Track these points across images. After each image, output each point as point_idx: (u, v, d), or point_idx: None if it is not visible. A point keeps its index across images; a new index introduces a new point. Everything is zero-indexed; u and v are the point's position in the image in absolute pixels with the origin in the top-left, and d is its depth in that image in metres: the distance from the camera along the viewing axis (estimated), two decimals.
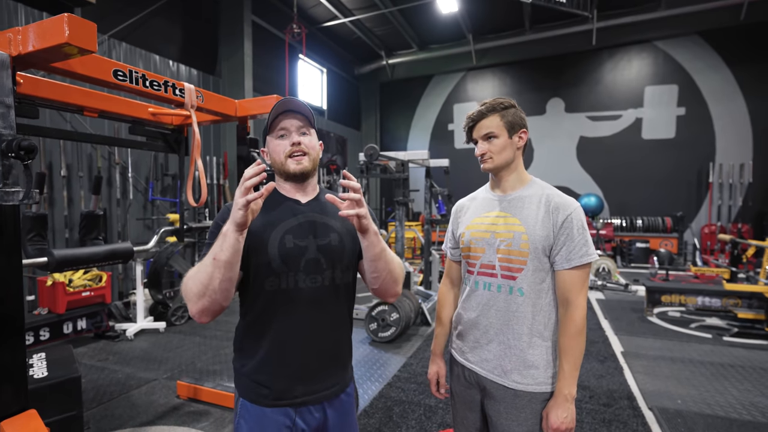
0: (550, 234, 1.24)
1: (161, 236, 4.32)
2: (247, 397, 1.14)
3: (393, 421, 2.71)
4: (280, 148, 1.15)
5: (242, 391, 1.15)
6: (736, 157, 9.61)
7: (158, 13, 6.43)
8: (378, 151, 4.71)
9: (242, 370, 1.16)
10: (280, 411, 1.12)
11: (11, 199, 1.22)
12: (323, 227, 1.17)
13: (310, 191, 1.22)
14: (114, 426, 2.66)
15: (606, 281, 6.92)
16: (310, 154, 1.16)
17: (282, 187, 1.20)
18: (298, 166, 1.14)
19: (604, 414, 2.80)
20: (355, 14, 9.73)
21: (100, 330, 4.36)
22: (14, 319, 1.39)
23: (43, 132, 2.12)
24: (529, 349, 1.26)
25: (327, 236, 1.17)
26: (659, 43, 10.17)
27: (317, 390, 1.15)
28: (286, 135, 1.15)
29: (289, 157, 1.14)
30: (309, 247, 1.14)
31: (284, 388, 1.12)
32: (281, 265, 1.10)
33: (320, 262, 1.14)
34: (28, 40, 1.27)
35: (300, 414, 1.14)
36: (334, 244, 1.17)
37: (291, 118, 1.15)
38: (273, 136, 1.17)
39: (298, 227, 1.14)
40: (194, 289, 0.99)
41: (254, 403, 1.13)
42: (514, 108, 1.32)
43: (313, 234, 1.15)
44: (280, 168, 1.17)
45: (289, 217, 1.15)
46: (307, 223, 1.16)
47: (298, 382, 1.13)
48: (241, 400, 1.16)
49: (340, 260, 1.17)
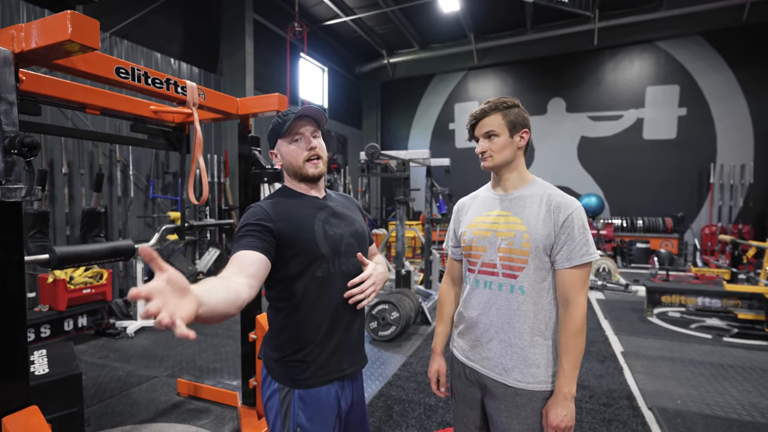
0: (551, 233, 1.25)
1: (162, 234, 4.33)
2: (304, 386, 1.20)
3: (393, 420, 2.71)
4: (297, 152, 1.25)
5: (293, 382, 1.20)
6: (737, 158, 9.60)
7: (160, 11, 6.42)
8: (379, 150, 4.71)
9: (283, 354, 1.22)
10: (330, 387, 1.22)
11: (14, 195, 1.22)
12: (347, 216, 1.32)
13: (322, 188, 1.34)
14: (115, 423, 2.66)
15: (606, 281, 6.92)
16: (323, 157, 1.28)
17: (298, 186, 1.30)
18: (316, 169, 1.26)
19: (604, 414, 2.81)
20: (356, 13, 9.72)
21: (101, 327, 4.37)
22: (16, 316, 1.40)
23: (45, 129, 2.12)
24: (530, 347, 1.26)
25: (353, 224, 1.32)
26: (661, 43, 10.15)
27: (357, 362, 1.30)
28: (301, 139, 1.25)
29: (307, 161, 1.25)
30: (344, 233, 1.27)
31: (335, 364, 1.23)
32: (329, 251, 1.22)
33: (354, 246, 1.29)
34: (31, 37, 1.27)
35: (343, 388, 1.26)
36: (361, 231, 1.34)
37: (305, 122, 1.25)
38: (287, 140, 1.26)
39: (329, 218, 1.27)
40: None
41: (308, 387, 1.20)
42: (517, 108, 1.32)
43: (344, 222, 1.29)
44: (296, 171, 1.26)
45: (318, 211, 1.27)
46: (333, 214, 1.29)
47: (345, 355, 1.26)
48: (295, 392, 1.20)
49: (364, 245, 1.34)
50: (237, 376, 3.31)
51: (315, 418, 1.18)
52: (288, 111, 1.25)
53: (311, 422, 1.18)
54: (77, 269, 4.31)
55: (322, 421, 1.19)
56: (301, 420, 1.18)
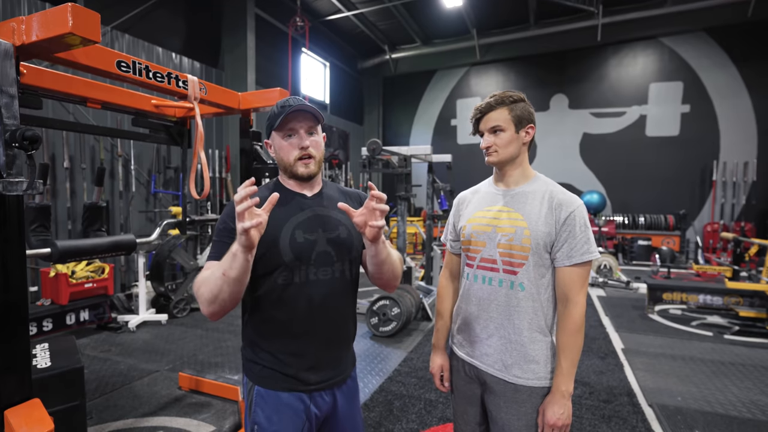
0: (552, 230, 1.24)
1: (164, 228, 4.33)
2: (262, 384, 1.15)
3: (393, 415, 2.72)
4: (289, 150, 1.16)
5: (256, 379, 1.17)
6: (740, 156, 9.56)
7: (161, 5, 6.40)
8: (380, 145, 4.70)
9: (255, 358, 1.17)
10: (295, 396, 1.15)
11: (15, 189, 1.22)
12: (331, 220, 1.20)
13: (315, 186, 1.24)
14: (116, 416, 2.68)
15: (607, 278, 6.91)
16: (316, 156, 1.18)
17: (287, 183, 1.22)
18: (306, 169, 1.17)
19: (604, 410, 2.81)
20: (358, 8, 9.67)
21: (103, 321, 4.39)
22: (18, 310, 1.40)
23: (46, 123, 2.11)
24: (530, 344, 1.26)
25: (336, 229, 1.20)
26: (665, 39, 10.08)
27: (329, 377, 1.19)
28: (295, 135, 1.16)
29: (298, 160, 1.16)
30: (318, 240, 1.16)
31: (299, 377, 1.15)
32: (293, 260, 1.12)
33: (330, 255, 1.17)
34: (32, 30, 1.27)
35: (313, 399, 1.17)
36: (343, 237, 1.20)
37: (301, 118, 1.15)
38: (280, 134, 1.17)
39: (306, 221, 1.17)
40: (205, 295, 1.02)
41: (270, 388, 1.15)
42: (523, 102, 1.31)
43: (322, 227, 1.18)
44: (286, 168, 1.18)
45: (297, 212, 1.17)
46: (315, 216, 1.18)
47: (312, 371, 1.16)
48: (255, 388, 1.16)
49: (349, 252, 1.21)
50: (238, 370, 3.32)
51: (273, 419, 1.12)
52: (286, 101, 1.16)
53: (269, 422, 1.12)
54: (79, 263, 4.32)
55: (282, 423, 1.12)
56: (259, 418, 1.13)
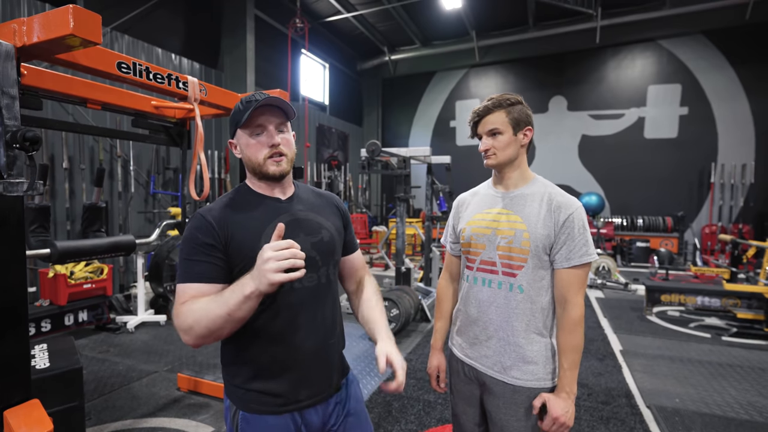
0: (551, 233, 1.25)
1: (163, 229, 4.33)
2: (247, 409, 1.06)
3: (392, 416, 2.72)
4: (257, 148, 1.07)
5: (240, 403, 1.07)
6: (738, 158, 9.59)
7: (161, 6, 6.41)
8: (380, 147, 4.70)
9: (236, 381, 1.08)
10: (286, 417, 1.07)
11: (15, 189, 1.22)
12: (312, 224, 1.14)
13: (287, 187, 1.16)
14: (115, 417, 2.68)
15: (606, 280, 6.92)
16: (287, 154, 1.10)
17: (258, 186, 1.13)
18: (278, 168, 1.08)
19: (602, 411, 2.82)
20: (358, 9, 9.69)
21: (101, 322, 4.38)
22: (18, 310, 1.40)
23: (46, 124, 2.12)
24: (528, 345, 1.27)
25: (318, 233, 1.13)
26: (663, 42, 10.12)
27: (321, 390, 1.12)
28: (263, 133, 1.07)
29: (268, 158, 1.07)
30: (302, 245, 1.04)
31: (289, 394, 1.07)
32: None
33: (315, 260, 1.10)
34: (33, 31, 1.27)
35: (303, 417, 1.09)
36: (327, 240, 1.14)
37: (268, 113, 1.07)
38: (247, 132, 1.08)
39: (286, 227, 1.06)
40: (200, 332, 0.93)
41: (255, 413, 1.06)
42: (520, 104, 1.32)
43: (304, 232, 1.11)
44: (255, 168, 1.09)
45: (274, 218, 1.08)
46: (294, 221, 1.10)
47: (302, 386, 1.08)
48: (240, 413, 1.07)
49: (332, 256, 1.17)
50: None
51: None
52: (251, 97, 1.07)
53: None
54: (78, 264, 4.32)
55: None
56: None
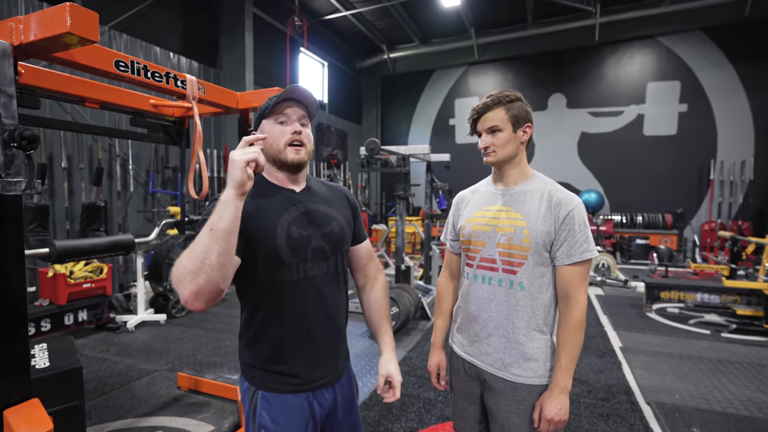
0: (551, 229, 1.25)
1: (162, 228, 4.33)
2: (267, 388, 1.14)
3: (392, 414, 2.73)
4: (280, 134, 1.13)
5: (259, 383, 1.14)
6: (738, 155, 9.59)
7: (159, 5, 6.38)
8: (379, 145, 4.70)
9: (256, 362, 1.15)
10: (301, 396, 1.14)
11: (14, 188, 1.22)
12: (323, 215, 1.19)
13: (301, 181, 1.22)
14: (115, 416, 2.68)
15: (605, 277, 6.93)
16: (307, 146, 1.16)
17: (275, 177, 1.18)
18: (297, 155, 1.13)
19: (602, 408, 2.82)
20: (356, 7, 9.67)
21: (101, 321, 4.38)
22: (17, 310, 1.40)
23: (44, 123, 2.11)
24: (529, 342, 1.27)
25: (329, 224, 1.19)
26: (662, 39, 10.11)
27: (330, 372, 1.19)
28: (287, 122, 1.14)
29: (289, 145, 1.13)
30: (313, 235, 1.15)
31: (304, 375, 1.14)
32: (291, 256, 1.10)
33: (325, 250, 1.17)
34: (30, 30, 1.27)
35: (316, 397, 1.17)
36: (336, 231, 1.20)
37: (294, 106, 1.15)
38: (272, 121, 1.14)
39: (300, 217, 1.14)
40: (188, 266, 0.89)
41: (275, 392, 1.13)
42: (520, 101, 1.31)
43: (315, 223, 1.16)
44: (276, 155, 1.14)
45: (289, 207, 1.14)
46: (307, 212, 1.16)
47: (315, 367, 1.16)
48: (259, 393, 1.14)
49: (341, 246, 1.22)
50: (237, 370, 3.30)
51: (280, 420, 1.12)
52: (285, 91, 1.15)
53: (275, 423, 1.11)
54: (77, 263, 4.31)
55: (288, 424, 1.12)
56: (265, 421, 1.11)
